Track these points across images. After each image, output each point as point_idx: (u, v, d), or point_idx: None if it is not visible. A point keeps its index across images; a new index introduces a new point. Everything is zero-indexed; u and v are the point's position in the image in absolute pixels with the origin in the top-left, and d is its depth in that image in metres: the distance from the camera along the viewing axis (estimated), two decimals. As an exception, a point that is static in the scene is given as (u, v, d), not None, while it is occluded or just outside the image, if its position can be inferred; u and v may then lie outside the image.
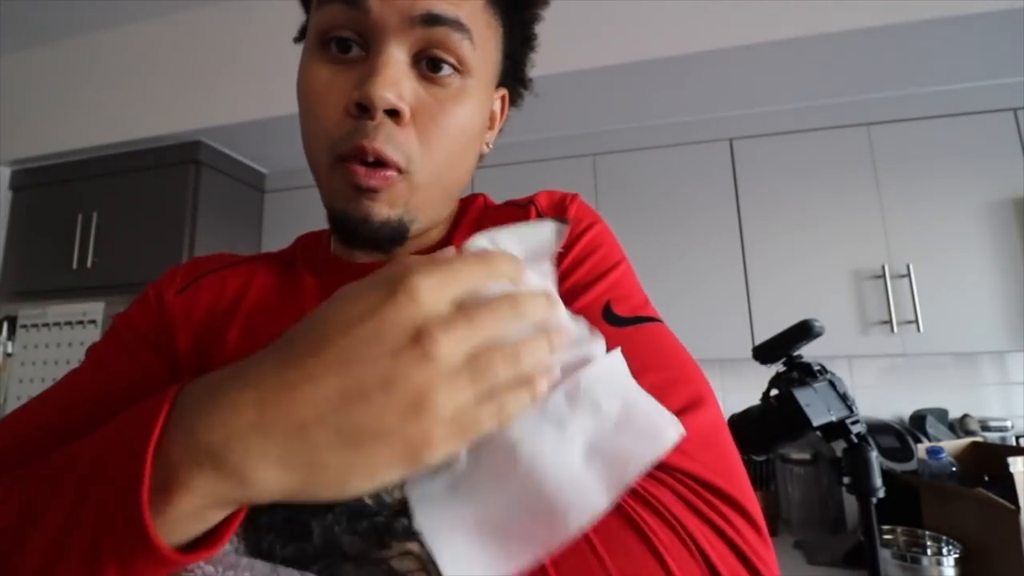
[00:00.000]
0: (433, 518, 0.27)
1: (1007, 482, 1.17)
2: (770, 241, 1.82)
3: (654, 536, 0.29)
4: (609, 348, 0.35)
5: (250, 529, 0.29)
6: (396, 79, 0.38)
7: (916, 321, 1.66)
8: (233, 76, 1.91)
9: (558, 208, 0.47)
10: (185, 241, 1.91)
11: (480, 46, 0.41)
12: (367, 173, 0.39)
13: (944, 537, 1.30)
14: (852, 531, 1.60)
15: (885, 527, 1.36)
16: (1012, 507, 1.14)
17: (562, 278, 0.42)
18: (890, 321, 1.67)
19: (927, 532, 1.34)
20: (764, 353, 1.08)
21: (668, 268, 1.87)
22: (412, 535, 0.27)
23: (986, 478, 1.37)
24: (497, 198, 0.53)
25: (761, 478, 1.80)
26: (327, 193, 0.42)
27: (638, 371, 0.34)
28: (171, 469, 0.24)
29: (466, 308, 0.27)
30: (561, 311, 0.31)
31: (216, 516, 0.25)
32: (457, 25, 0.39)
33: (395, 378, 0.24)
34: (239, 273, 0.50)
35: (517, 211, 0.47)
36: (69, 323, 1.97)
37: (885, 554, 1.26)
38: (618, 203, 1.96)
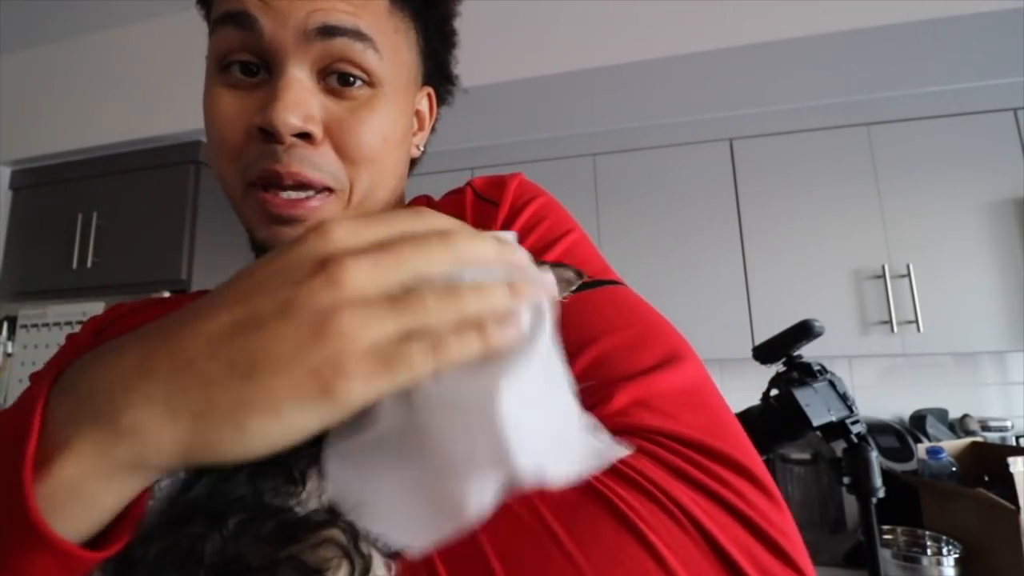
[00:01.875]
0: (349, 476, 0.23)
1: (1007, 482, 1.17)
2: (770, 241, 1.82)
3: (633, 513, 0.23)
4: (566, 314, 0.31)
5: (122, 567, 0.23)
6: (300, 100, 0.35)
7: (916, 321, 1.65)
8: (233, 76, 1.90)
9: (495, 187, 0.42)
10: (185, 241, 1.91)
11: (388, 53, 0.39)
12: (285, 203, 0.36)
13: (944, 537, 1.30)
14: (852, 531, 1.60)
15: (885, 527, 1.36)
16: (1012, 507, 1.14)
17: None
18: (890, 321, 1.67)
19: (927, 532, 1.34)
20: (764, 353, 1.08)
21: (668, 268, 1.87)
22: (332, 523, 0.23)
23: (986, 478, 1.37)
24: None
25: (761, 478, 1.79)
26: (245, 221, 0.40)
27: (602, 333, 0.31)
28: (52, 431, 0.21)
29: (386, 242, 0.23)
30: (531, 269, 0.27)
31: (106, 496, 0.21)
32: (357, 35, 0.36)
33: (294, 303, 0.21)
34: (159, 308, 0.47)
35: (455, 198, 0.44)
36: (69, 323, 1.97)
37: (885, 554, 1.26)
38: (618, 203, 1.96)
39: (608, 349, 0.31)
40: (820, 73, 1.71)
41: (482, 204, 0.42)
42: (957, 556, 1.23)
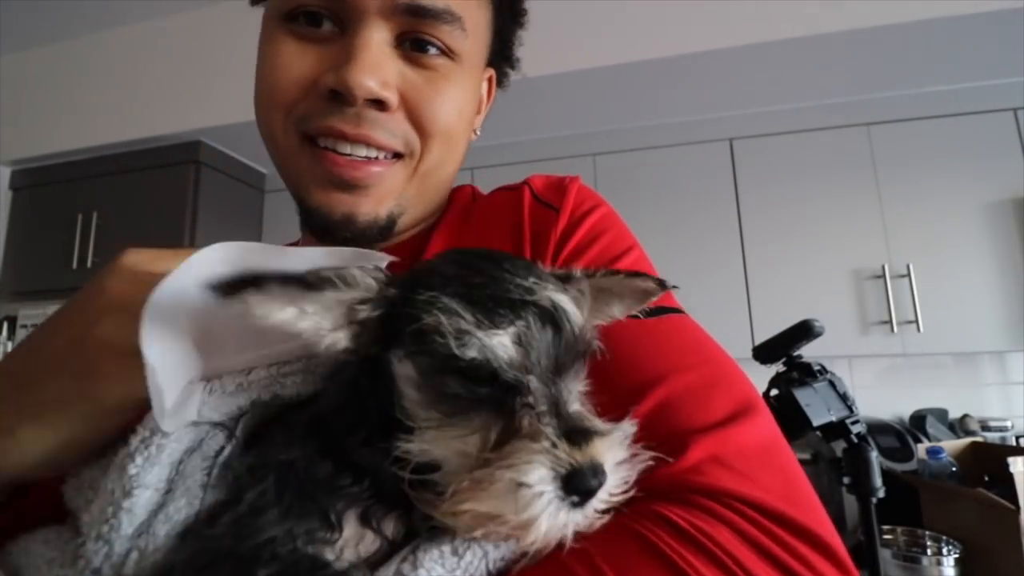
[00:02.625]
0: None
1: (1007, 482, 1.17)
2: (770, 241, 1.82)
3: None
4: (634, 341, 0.30)
5: None
6: (378, 63, 0.33)
7: (916, 321, 1.65)
8: (233, 76, 1.89)
9: (555, 191, 0.41)
10: (185, 241, 1.90)
11: (471, 31, 0.37)
12: (349, 164, 0.34)
13: (944, 537, 1.30)
14: (852, 531, 1.60)
15: (885, 527, 1.36)
16: (1012, 507, 1.14)
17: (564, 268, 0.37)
18: (890, 321, 1.67)
19: (927, 532, 1.34)
20: (764, 353, 1.08)
21: (668, 268, 1.84)
22: None
23: (986, 478, 1.37)
24: None
25: (761, 478, 1.79)
26: (294, 179, 0.37)
27: (669, 371, 0.29)
28: None
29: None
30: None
31: None
32: (447, 16, 0.34)
33: (67, 318, 0.25)
34: None
35: (509, 195, 0.42)
36: (69, 323, 1.97)
37: (885, 554, 1.26)
38: (618, 203, 1.93)
39: (678, 391, 0.29)
40: (820, 73, 1.71)
41: (541, 208, 0.40)
42: (957, 556, 1.23)
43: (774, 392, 1.01)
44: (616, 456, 0.22)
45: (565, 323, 0.22)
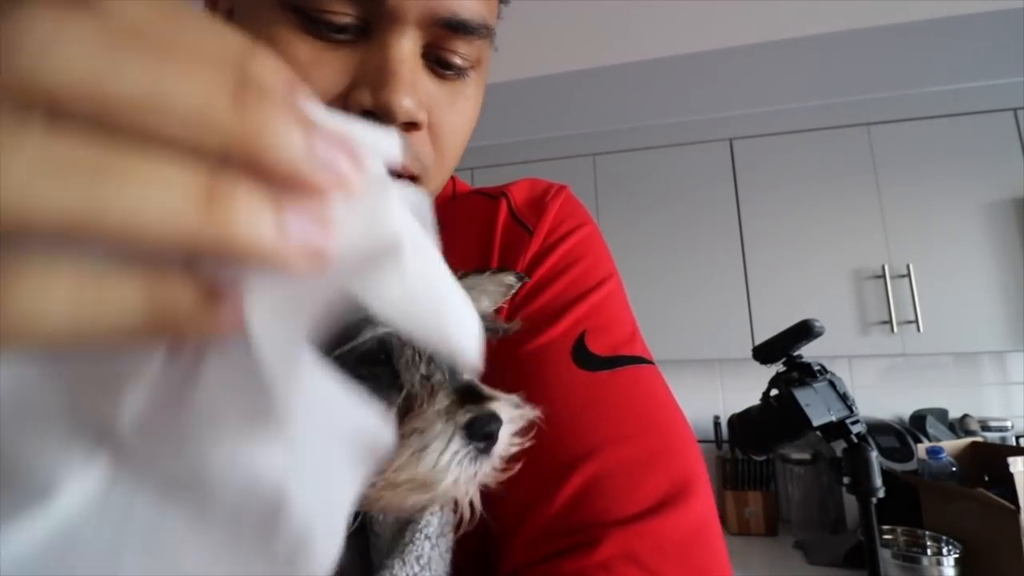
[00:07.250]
0: None
1: (1007, 482, 1.17)
2: (770, 241, 1.82)
3: None
4: (578, 401, 0.28)
5: None
6: (413, 80, 0.29)
7: (916, 321, 1.65)
8: (233, 76, 1.90)
9: (534, 208, 0.38)
10: (185, 241, 1.91)
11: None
12: None
13: (944, 537, 1.30)
14: (852, 531, 1.60)
15: (885, 527, 1.36)
16: (1012, 507, 1.14)
17: (528, 298, 0.34)
18: (890, 321, 1.67)
19: (927, 532, 1.34)
20: (764, 353, 1.08)
21: (668, 268, 1.87)
22: None
23: (986, 478, 1.37)
24: None
25: (761, 478, 1.80)
26: None
27: (606, 441, 0.29)
28: None
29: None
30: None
31: None
32: (484, 30, 0.31)
33: None
34: None
35: (486, 204, 0.39)
36: (69, 323, 1.97)
37: (885, 554, 1.26)
38: (618, 203, 1.95)
39: (608, 470, 0.28)
40: (820, 73, 1.71)
41: (515, 227, 0.37)
42: (957, 556, 1.23)
43: (774, 392, 1.01)
44: (508, 413, 0.23)
45: None
